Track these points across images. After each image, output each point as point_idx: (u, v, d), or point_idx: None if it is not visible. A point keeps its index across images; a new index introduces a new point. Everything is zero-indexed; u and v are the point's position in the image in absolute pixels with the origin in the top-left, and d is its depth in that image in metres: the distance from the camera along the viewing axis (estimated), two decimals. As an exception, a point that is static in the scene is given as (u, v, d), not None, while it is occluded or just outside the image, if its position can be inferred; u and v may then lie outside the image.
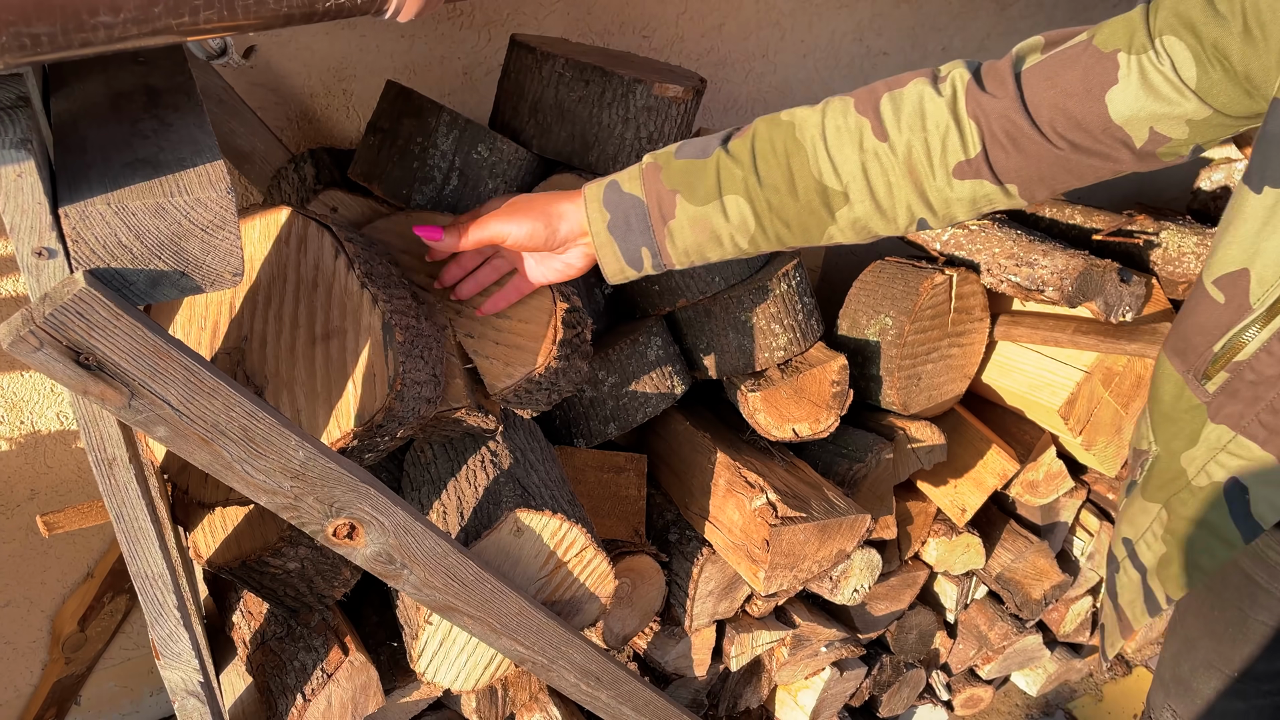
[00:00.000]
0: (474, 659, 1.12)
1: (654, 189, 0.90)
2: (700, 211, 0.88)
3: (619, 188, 0.91)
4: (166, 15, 0.53)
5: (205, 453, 0.80)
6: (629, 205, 0.91)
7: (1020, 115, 0.79)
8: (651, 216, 0.90)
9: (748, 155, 0.87)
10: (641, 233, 0.91)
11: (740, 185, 0.87)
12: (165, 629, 0.92)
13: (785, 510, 1.22)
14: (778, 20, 1.79)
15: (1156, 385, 0.89)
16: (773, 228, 0.89)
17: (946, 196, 0.85)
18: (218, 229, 0.73)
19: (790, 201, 0.86)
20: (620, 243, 0.92)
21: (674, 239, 0.90)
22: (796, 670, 1.56)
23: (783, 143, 0.86)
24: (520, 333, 1.07)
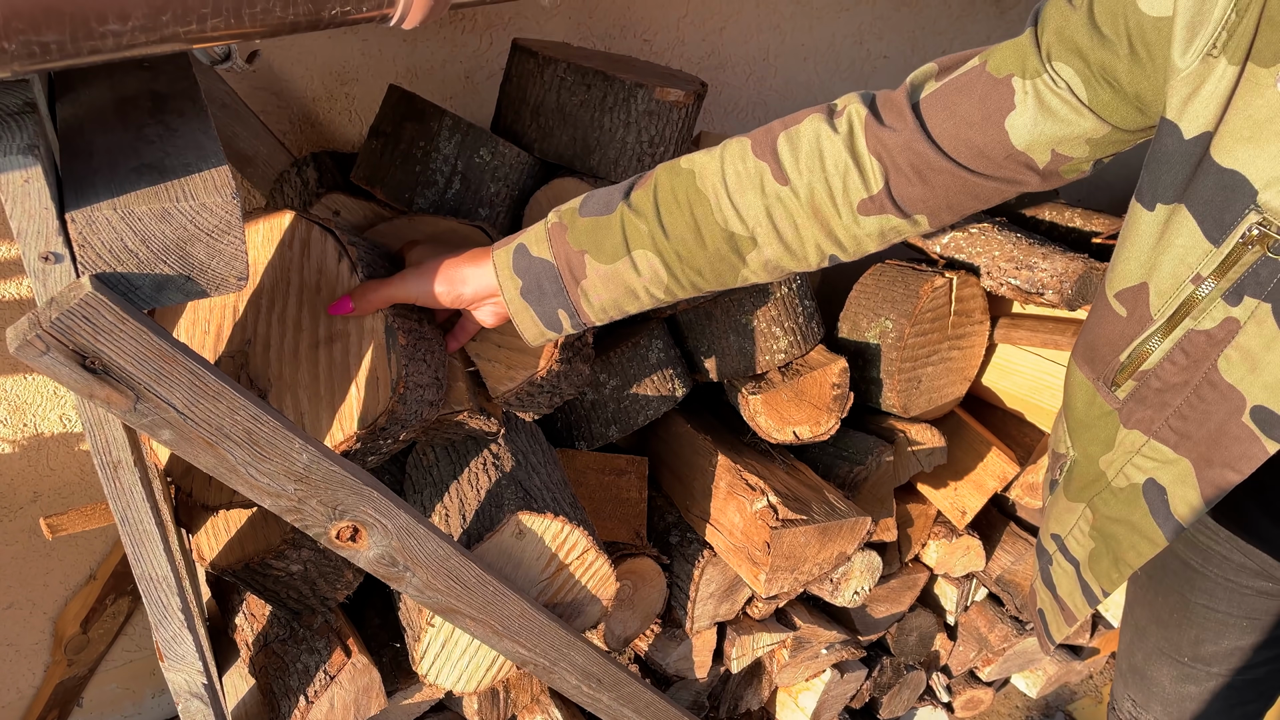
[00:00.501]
0: (476, 661, 1.12)
1: (562, 250, 0.89)
2: (611, 269, 0.88)
3: (527, 252, 0.91)
4: (174, 23, 0.53)
5: (210, 456, 0.81)
6: (539, 269, 0.90)
7: (925, 145, 0.79)
8: (564, 279, 0.89)
9: (650, 208, 0.86)
10: (555, 295, 0.90)
11: (647, 239, 0.86)
12: (169, 631, 0.93)
13: (786, 513, 1.23)
14: (778, 24, 1.79)
15: (1069, 392, 0.89)
16: (685, 276, 0.88)
17: (854, 233, 0.85)
18: (223, 233, 0.73)
19: (699, 250, 0.86)
20: (535, 307, 0.92)
21: (589, 298, 0.90)
22: (797, 672, 1.56)
23: (685, 192, 0.85)
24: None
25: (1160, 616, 1.09)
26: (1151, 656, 1.12)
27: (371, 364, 0.95)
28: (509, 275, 0.91)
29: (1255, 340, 0.69)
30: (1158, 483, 0.80)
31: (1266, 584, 1.00)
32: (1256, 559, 0.98)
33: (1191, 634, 1.06)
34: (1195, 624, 1.06)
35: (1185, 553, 1.04)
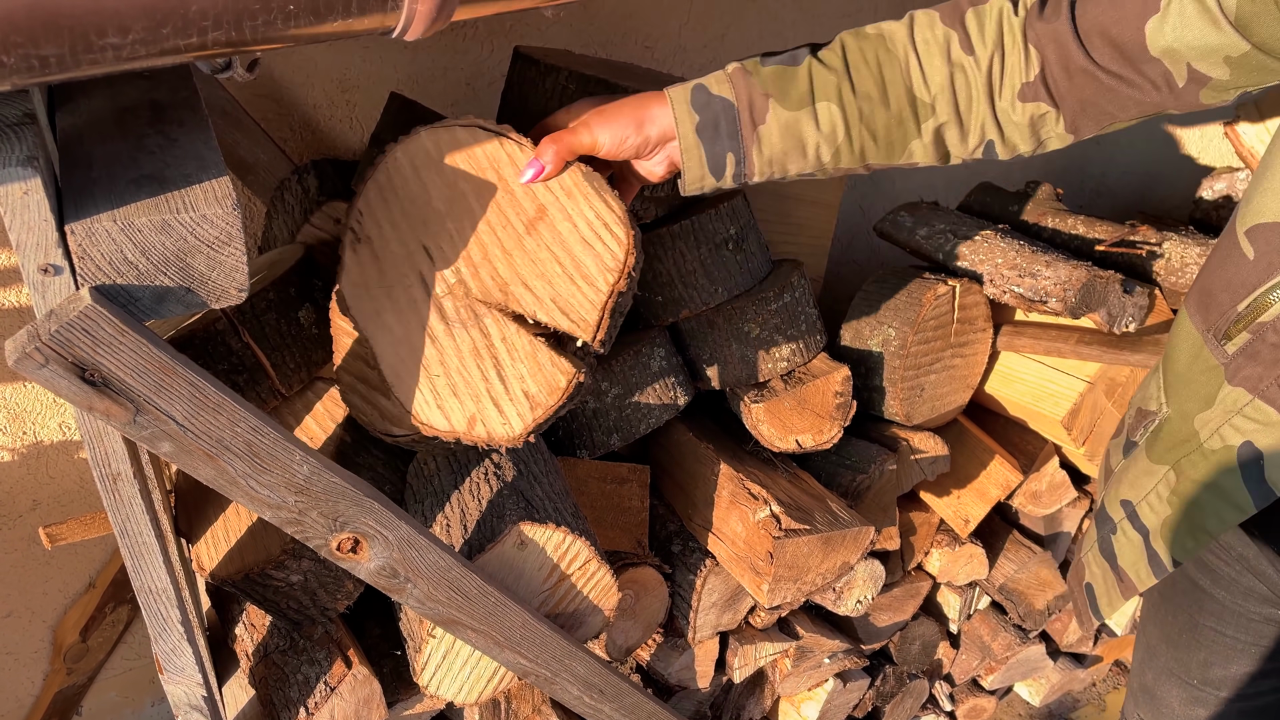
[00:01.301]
0: (477, 672, 1.12)
1: (745, 91, 0.86)
2: (792, 117, 0.85)
3: (706, 90, 0.87)
4: (174, 36, 0.53)
5: (210, 468, 0.80)
6: (719, 108, 0.86)
7: (1071, 39, 0.79)
8: (741, 120, 0.86)
9: (839, 63, 0.85)
10: (730, 137, 0.87)
11: (834, 91, 0.84)
12: (169, 643, 0.92)
13: (789, 522, 1.22)
14: (780, 30, 1.79)
15: (1173, 344, 0.87)
16: (859, 139, 0.86)
17: (1011, 119, 0.85)
18: (224, 245, 0.73)
19: (881, 111, 0.85)
20: (707, 147, 0.88)
21: (761, 145, 0.87)
22: (800, 682, 1.55)
23: (874, 52, 0.85)
24: None
25: (1170, 636, 1.06)
26: (1161, 677, 1.09)
27: (593, 212, 0.91)
28: (686, 110, 0.87)
29: None
30: (1255, 446, 0.77)
31: (1275, 610, 0.97)
32: (1266, 582, 0.95)
33: (1200, 656, 1.04)
34: (1204, 646, 1.03)
35: (1195, 573, 1.01)
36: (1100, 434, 1.55)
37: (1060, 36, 0.80)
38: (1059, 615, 1.84)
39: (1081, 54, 0.80)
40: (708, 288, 1.35)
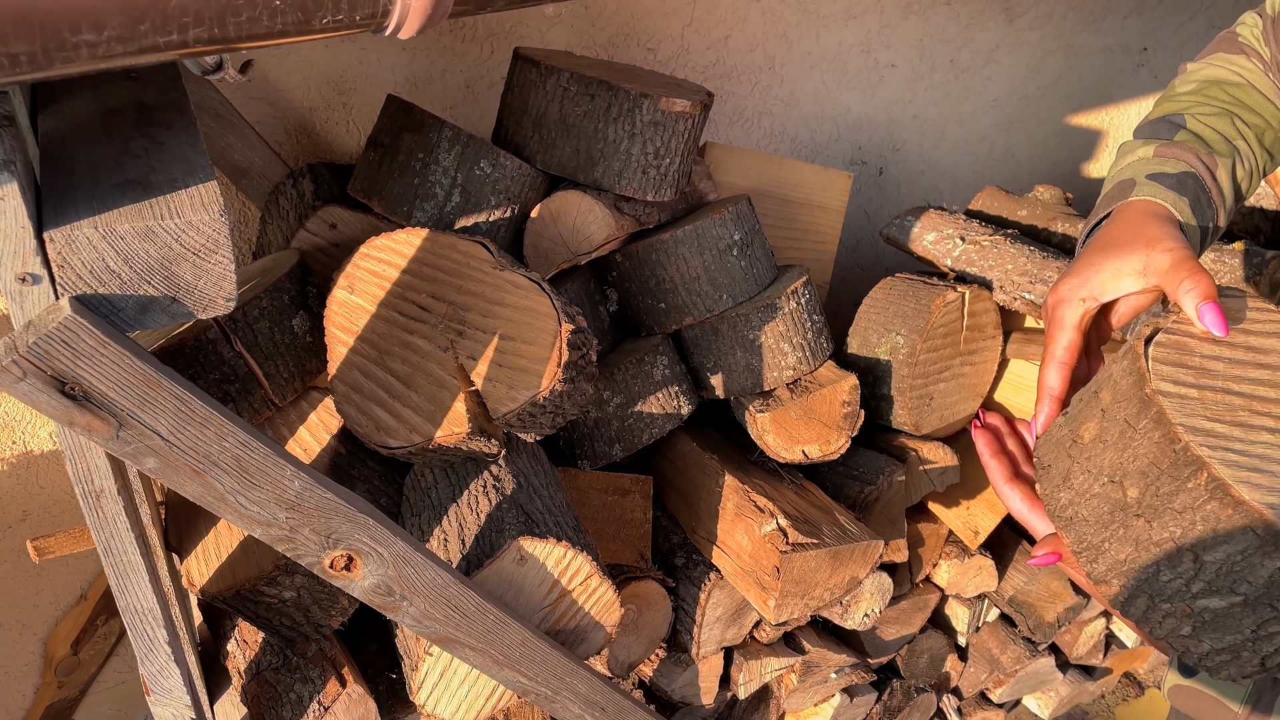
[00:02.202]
0: (475, 690, 1.08)
1: (1195, 158, 0.83)
2: (1230, 163, 0.85)
3: (1167, 173, 0.82)
4: (154, 33, 0.50)
5: (197, 484, 0.77)
6: (1193, 183, 0.82)
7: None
8: (1207, 183, 0.83)
9: (1214, 110, 0.88)
10: (1208, 205, 0.83)
11: (1235, 130, 0.86)
12: (155, 665, 0.89)
13: (796, 536, 1.19)
14: (784, 32, 1.76)
15: None
16: (1263, 160, 0.88)
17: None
18: (210, 253, 0.70)
19: (1269, 131, 0.88)
20: (1200, 223, 0.82)
21: (1224, 201, 0.84)
22: (806, 697, 1.52)
23: (1223, 91, 0.89)
24: (524, 354, 1.04)
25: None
26: None
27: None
28: (1175, 196, 0.81)
29: None
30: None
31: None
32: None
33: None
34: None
35: None
36: (1112, 443, 1.52)
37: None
38: (1069, 627, 1.81)
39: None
40: (712, 294, 1.32)
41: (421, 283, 1.07)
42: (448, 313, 1.06)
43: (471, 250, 1.07)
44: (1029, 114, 2.16)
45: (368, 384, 1.06)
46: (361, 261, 1.09)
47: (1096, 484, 0.64)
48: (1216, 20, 2.28)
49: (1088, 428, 0.67)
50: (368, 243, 1.10)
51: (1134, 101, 2.29)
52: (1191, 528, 0.58)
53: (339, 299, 1.09)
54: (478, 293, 1.05)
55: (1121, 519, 0.62)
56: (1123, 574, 0.63)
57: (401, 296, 1.07)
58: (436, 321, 1.06)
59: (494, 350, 1.05)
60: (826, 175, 1.61)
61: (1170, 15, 2.22)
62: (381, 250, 1.09)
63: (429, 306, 1.06)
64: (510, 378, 1.04)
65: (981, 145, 2.15)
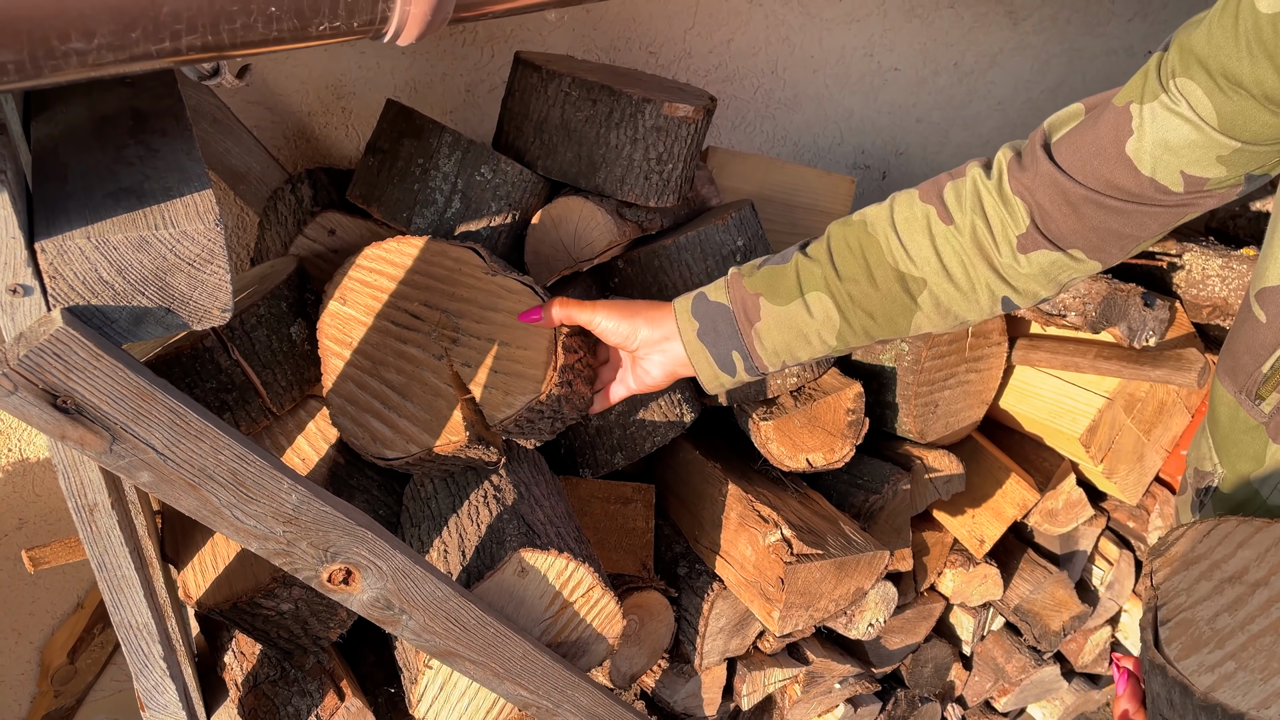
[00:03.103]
0: (475, 704, 1.07)
1: (738, 294, 0.93)
2: (784, 311, 0.91)
3: (706, 298, 0.95)
4: (145, 41, 0.49)
5: (192, 498, 0.76)
6: (716, 312, 0.94)
7: (1063, 179, 0.80)
8: (738, 320, 0.93)
9: (824, 254, 0.90)
10: (730, 336, 0.93)
11: (820, 281, 0.89)
12: (151, 681, 0.88)
13: (801, 547, 1.17)
14: (787, 35, 1.75)
15: (1213, 406, 0.86)
16: (858, 320, 0.90)
17: (1019, 271, 0.85)
18: (205, 263, 0.68)
19: (871, 291, 0.88)
20: (711, 348, 0.94)
21: (762, 340, 0.92)
22: (809, 708, 1.50)
23: (856, 238, 0.88)
24: (520, 359, 1.02)
25: None
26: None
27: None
28: (687, 318, 0.95)
29: None
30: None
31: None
32: None
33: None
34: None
35: None
36: (1119, 451, 1.50)
37: (1048, 178, 0.80)
38: (1074, 636, 1.79)
39: (1078, 186, 0.79)
40: (715, 301, 1.30)
41: (414, 291, 1.05)
42: (441, 320, 1.04)
43: (463, 256, 1.06)
44: (1033, 117, 2.15)
45: (362, 395, 1.05)
46: (354, 272, 1.08)
47: None
48: (1221, 23, 2.27)
49: None
50: (360, 253, 1.09)
51: (1138, 105, 2.28)
52: None
53: (331, 310, 1.07)
54: (470, 299, 1.04)
55: None
56: None
57: (394, 306, 1.06)
58: (430, 330, 1.04)
59: (490, 357, 1.03)
60: (829, 180, 1.59)
61: (1174, 19, 2.20)
62: (373, 260, 1.08)
63: (422, 315, 1.04)
64: (506, 383, 1.02)
65: (985, 149, 2.14)
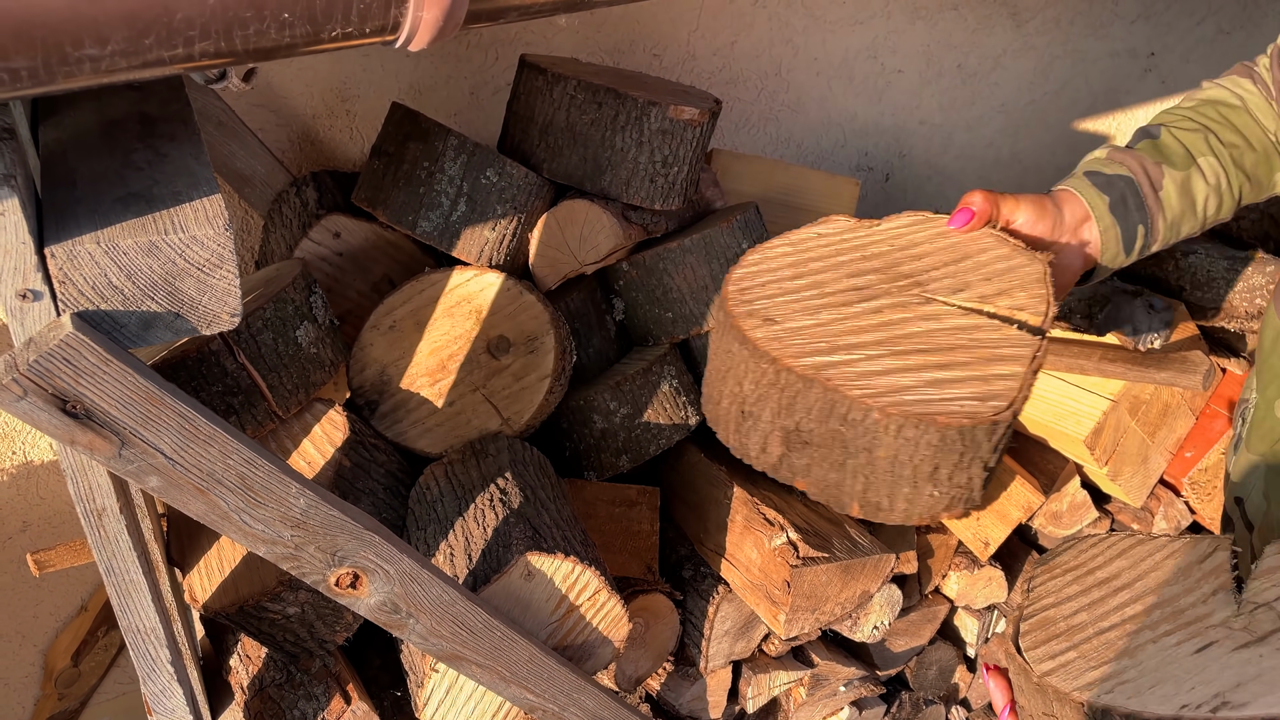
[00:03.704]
0: (481, 707, 1.07)
1: (1137, 164, 0.90)
2: (1184, 176, 0.90)
3: (1102, 173, 0.90)
4: (158, 47, 0.49)
5: (201, 503, 0.76)
6: (1122, 184, 0.90)
7: None
8: (1143, 190, 0.90)
9: (1196, 125, 0.92)
10: (1138, 209, 0.90)
11: (1206, 146, 0.91)
12: (158, 685, 0.88)
13: (807, 550, 1.17)
14: (790, 38, 1.75)
15: (1262, 333, 0.90)
16: (1238, 182, 0.92)
17: None
18: (215, 268, 0.68)
19: (1249, 153, 0.91)
20: (1121, 223, 0.90)
21: (1165, 210, 0.91)
22: (814, 711, 1.50)
23: (1215, 110, 0.93)
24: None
25: None
26: None
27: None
28: (1095, 193, 0.89)
29: None
30: None
31: None
32: None
33: None
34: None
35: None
36: (1123, 453, 1.50)
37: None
38: (1078, 638, 1.79)
39: None
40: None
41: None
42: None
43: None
44: (1036, 119, 2.14)
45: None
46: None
47: None
48: (1224, 25, 2.27)
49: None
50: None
51: (1141, 106, 2.28)
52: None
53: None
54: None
55: None
56: None
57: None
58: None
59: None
60: (833, 182, 1.59)
61: (1178, 20, 2.20)
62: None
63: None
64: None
65: (989, 151, 2.13)
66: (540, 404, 1.18)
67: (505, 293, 1.18)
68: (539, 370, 1.18)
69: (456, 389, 1.19)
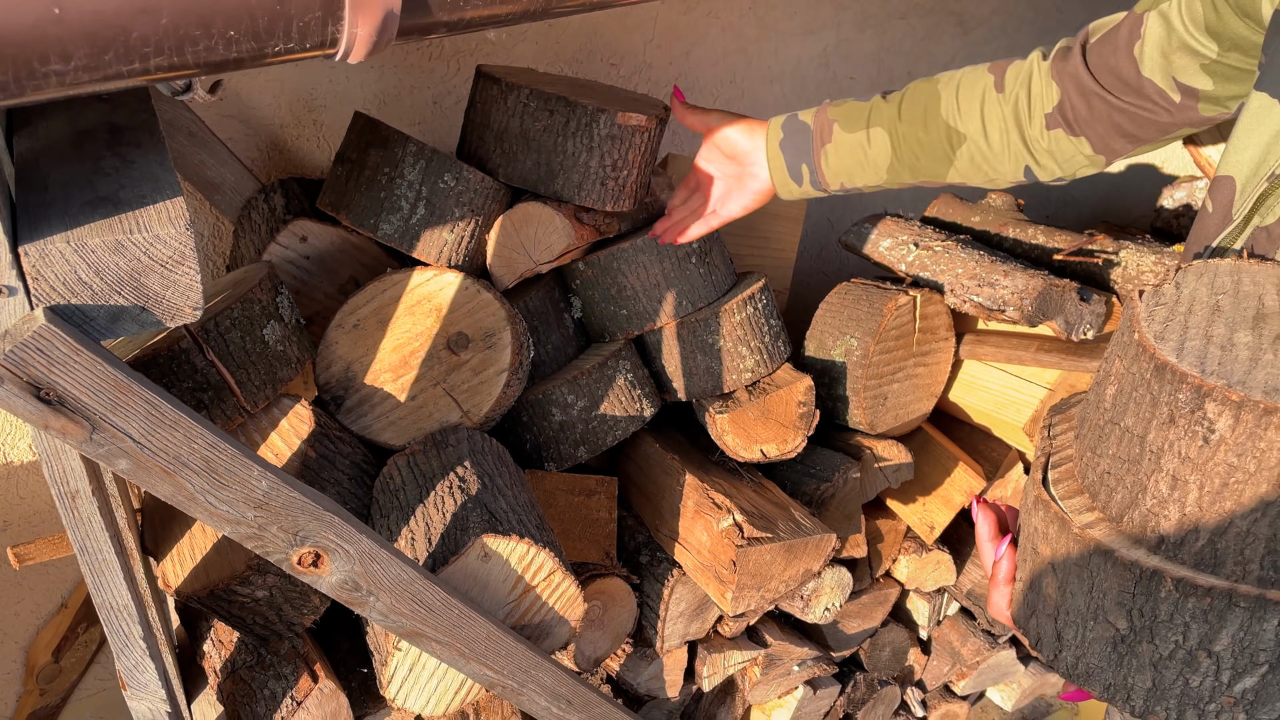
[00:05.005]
0: (444, 684, 1.12)
1: (820, 119, 1.11)
2: (851, 139, 1.09)
3: (796, 117, 1.13)
4: (117, 62, 0.55)
5: (168, 485, 0.81)
6: (798, 129, 1.12)
7: (1084, 73, 0.94)
8: (814, 139, 1.11)
9: (897, 99, 1.08)
10: (804, 151, 1.12)
11: (885, 120, 1.07)
12: (131, 659, 0.93)
13: (751, 531, 1.24)
14: (744, 47, 1.82)
15: None
16: (907, 158, 1.07)
17: (1041, 146, 1.01)
18: (177, 264, 0.74)
19: (923, 136, 1.05)
20: (787, 157, 1.12)
21: (828, 160, 1.11)
22: (769, 689, 1.56)
23: (926, 91, 1.06)
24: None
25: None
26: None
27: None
28: (776, 129, 1.14)
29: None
30: None
31: None
32: None
33: None
34: None
35: None
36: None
37: (1076, 71, 0.95)
38: (1029, 620, 1.85)
39: (1093, 82, 0.94)
40: (672, 300, 1.37)
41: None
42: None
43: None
44: (986, 123, 2.22)
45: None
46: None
47: (1087, 631, 0.66)
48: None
49: (1048, 585, 0.68)
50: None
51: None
52: (1188, 630, 0.61)
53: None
54: None
55: (1127, 650, 0.64)
56: (1160, 698, 0.64)
57: None
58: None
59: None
60: (785, 185, 1.66)
61: (1121, 26, 2.28)
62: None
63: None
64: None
65: (941, 154, 2.21)
66: (498, 396, 1.24)
67: (464, 291, 1.24)
68: (497, 364, 1.24)
69: (418, 383, 1.25)
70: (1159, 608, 0.61)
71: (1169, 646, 0.62)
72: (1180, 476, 0.60)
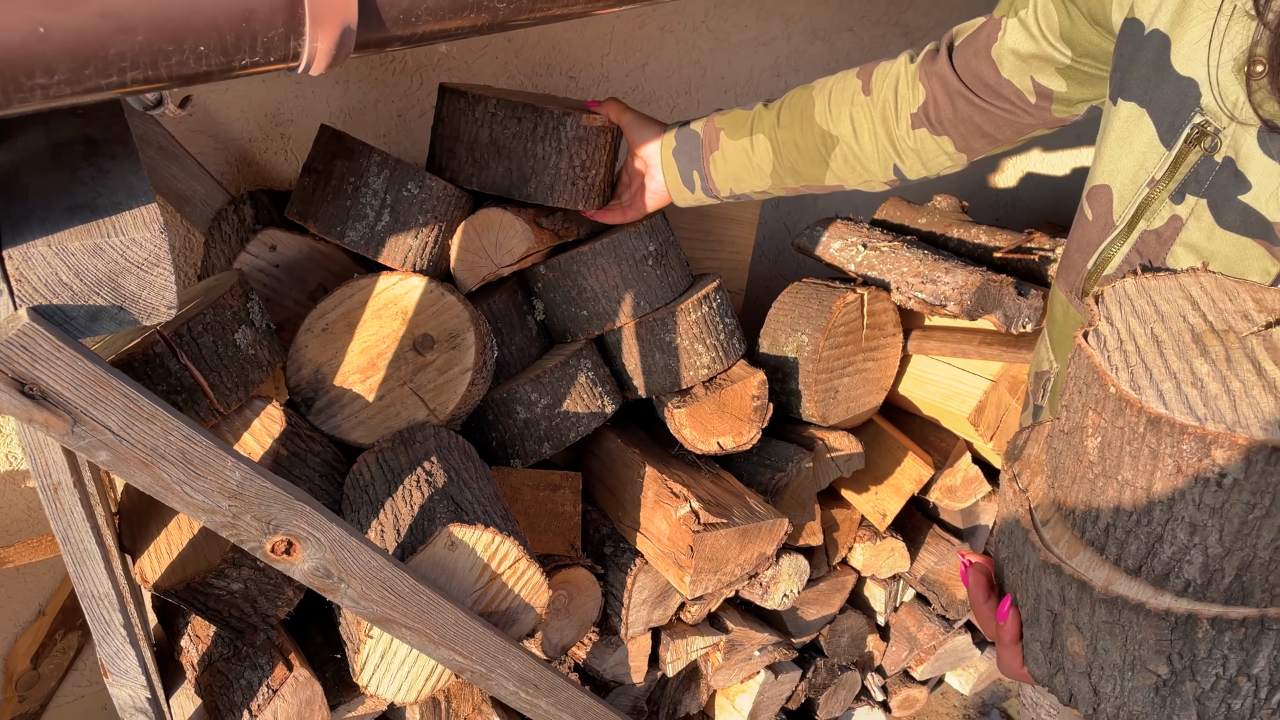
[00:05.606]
0: (415, 671, 1.17)
1: (709, 128, 1.19)
2: (736, 145, 1.15)
3: (688, 126, 1.22)
4: (97, 76, 0.60)
5: (146, 475, 0.86)
6: (689, 137, 1.21)
7: (949, 72, 0.99)
8: (703, 147, 1.18)
9: (777, 106, 1.14)
10: (695, 159, 1.19)
11: (766, 127, 1.13)
12: (112, 646, 0.97)
13: (708, 517, 1.30)
14: (698, 59, 1.89)
15: (1050, 307, 1.00)
16: (786, 164, 1.13)
17: (906, 145, 1.06)
18: (152, 265, 0.79)
19: (800, 140, 1.11)
20: (679, 164, 1.21)
21: (716, 166, 1.18)
22: (731, 674, 1.62)
23: (802, 97, 1.12)
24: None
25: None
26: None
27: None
28: (670, 137, 1.23)
29: (1196, 234, 0.77)
30: None
31: None
32: None
33: None
34: None
35: None
36: (1007, 429, 1.65)
37: (943, 72, 1.00)
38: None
39: (959, 83, 0.98)
40: (631, 301, 1.43)
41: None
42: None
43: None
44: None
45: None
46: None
47: (1126, 681, 0.65)
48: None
49: (1073, 645, 0.67)
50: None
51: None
52: (1227, 661, 0.61)
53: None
54: None
55: (1170, 692, 0.64)
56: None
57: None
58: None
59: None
60: (739, 190, 1.73)
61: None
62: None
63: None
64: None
65: (892, 159, 2.29)
66: (464, 395, 1.30)
67: (428, 294, 1.29)
68: (461, 364, 1.29)
69: (386, 384, 1.30)
70: (1197, 647, 0.62)
71: (1210, 680, 0.62)
72: (1198, 522, 0.60)
